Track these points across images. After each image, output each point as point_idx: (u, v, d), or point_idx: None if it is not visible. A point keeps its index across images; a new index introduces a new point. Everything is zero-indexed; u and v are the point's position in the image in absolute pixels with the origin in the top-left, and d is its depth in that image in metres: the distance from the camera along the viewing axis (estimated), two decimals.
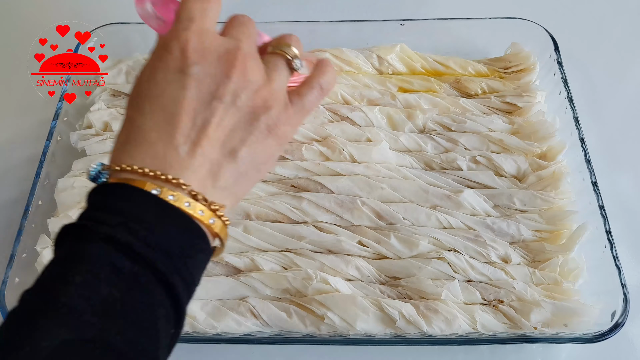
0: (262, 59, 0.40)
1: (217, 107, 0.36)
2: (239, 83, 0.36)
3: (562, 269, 0.56)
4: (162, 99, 0.35)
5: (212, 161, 0.35)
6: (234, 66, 0.36)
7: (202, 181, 0.35)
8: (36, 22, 0.84)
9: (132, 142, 0.35)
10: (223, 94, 0.36)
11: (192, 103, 0.35)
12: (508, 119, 0.68)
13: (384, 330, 0.53)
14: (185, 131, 0.35)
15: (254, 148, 0.37)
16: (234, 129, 0.36)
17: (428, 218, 0.59)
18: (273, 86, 0.38)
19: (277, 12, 0.85)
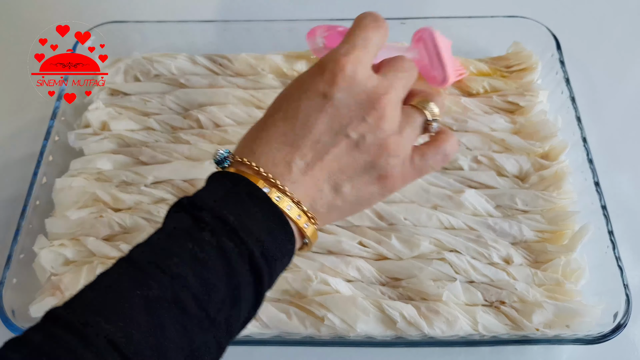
0: (403, 107, 0.40)
1: (341, 140, 0.37)
2: (371, 127, 0.37)
3: (564, 270, 0.56)
4: (296, 112, 0.37)
5: (318, 186, 0.38)
6: (374, 109, 0.37)
7: (303, 198, 0.37)
8: (36, 22, 0.84)
9: (258, 142, 0.38)
10: (351, 131, 0.37)
11: (320, 127, 0.37)
12: (510, 118, 0.68)
13: (384, 332, 0.53)
14: (305, 150, 0.37)
15: (358, 189, 0.39)
16: (348, 165, 0.38)
17: (429, 218, 0.59)
18: (402, 138, 0.39)
19: (277, 11, 0.85)
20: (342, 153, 0.37)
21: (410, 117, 0.40)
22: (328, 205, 0.38)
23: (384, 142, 0.38)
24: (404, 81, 0.40)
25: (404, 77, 0.40)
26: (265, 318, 0.53)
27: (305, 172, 0.37)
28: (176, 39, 0.76)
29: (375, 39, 0.40)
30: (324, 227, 0.58)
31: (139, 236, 0.57)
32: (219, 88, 0.70)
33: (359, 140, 0.37)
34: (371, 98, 0.37)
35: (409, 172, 0.40)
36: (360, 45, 0.38)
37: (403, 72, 0.40)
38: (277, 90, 0.69)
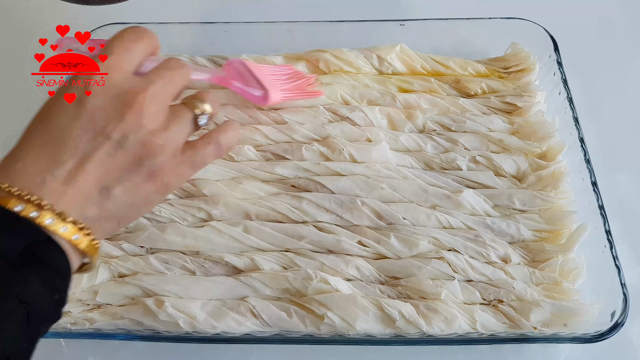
0: (172, 105, 0.40)
1: (101, 143, 0.36)
2: (130, 125, 0.36)
3: (561, 269, 0.57)
4: (52, 123, 0.36)
5: (84, 193, 0.36)
6: (131, 107, 0.36)
7: (69, 208, 0.35)
8: (36, 22, 0.84)
9: (11, 159, 0.36)
10: (111, 132, 0.36)
11: (77, 133, 0.35)
12: (508, 119, 0.68)
13: (383, 330, 0.53)
14: (65, 159, 0.35)
15: (130, 190, 0.37)
16: (114, 168, 0.36)
17: (428, 218, 0.59)
18: (168, 134, 0.38)
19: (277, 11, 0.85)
20: (105, 156, 0.36)
21: (177, 112, 0.40)
22: (101, 211, 0.37)
23: (147, 139, 0.37)
24: (168, 78, 0.39)
25: (168, 75, 0.39)
26: (266, 316, 0.53)
27: (68, 182, 0.35)
28: (177, 40, 0.77)
29: (136, 47, 0.39)
30: (323, 227, 0.58)
31: (140, 235, 0.58)
32: (220, 89, 0.70)
33: (120, 140, 0.36)
34: (127, 97, 0.37)
35: (182, 166, 0.39)
36: (115, 51, 0.38)
37: (167, 70, 0.40)
38: None
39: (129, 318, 0.54)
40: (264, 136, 0.65)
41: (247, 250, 0.58)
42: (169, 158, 0.38)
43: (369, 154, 0.64)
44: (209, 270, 0.57)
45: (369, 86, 0.71)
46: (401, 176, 0.62)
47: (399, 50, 0.73)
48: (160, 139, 0.38)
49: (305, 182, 0.62)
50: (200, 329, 0.53)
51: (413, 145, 0.66)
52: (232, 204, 0.60)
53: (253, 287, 0.55)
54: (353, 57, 0.73)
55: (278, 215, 0.60)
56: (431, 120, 0.68)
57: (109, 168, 0.36)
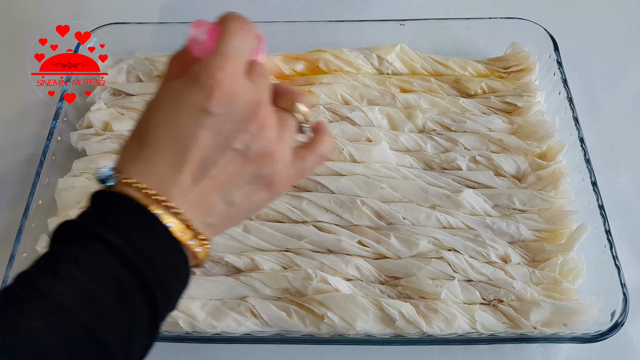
0: (276, 111, 0.41)
1: (227, 154, 0.37)
2: (254, 137, 0.37)
3: (561, 269, 0.57)
4: (180, 129, 0.36)
5: (209, 200, 0.37)
6: (255, 120, 0.37)
7: (194, 214, 0.37)
8: (36, 22, 0.84)
9: (143, 160, 0.37)
10: (237, 143, 0.37)
11: (206, 143, 0.36)
12: (508, 118, 0.68)
13: (383, 330, 0.53)
14: (193, 167, 0.36)
15: (248, 198, 0.39)
16: (237, 176, 0.38)
17: (428, 218, 0.59)
18: (283, 146, 0.39)
19: (277, 11, 0.85)
20: (229, 166, 0.37)
21: (285, 121, 0.41)
22: (221, 217, 0.39)
23: (267, 150, 0.38)
24: (267, 83, 0.41)
25: (267, 83, 0.40)
26: (266, 316, 0.53)
27: (195, 189, 0.37)
28: (177, 40, 0.76)
29: (246, 45, 0.40)
30: (323, 227, 0.59)
31: None
32: None
33: (245, 151, 0.37)
34: (251, 110, 0.37)
35: (292, 175, 0.41)
36: (232, 56, 0.38)
37: (265, 78, 0.40)
38: None
39: None
40: None
41: (247, 250, 0.58)
42: (284, 168, 0.40)
43: (369, 153, 0.64)
44: (209, 270, 0.57)
45: (368, 86, 0.71)
46: (401, 176, 0.63)
47: (399, 50, 0.73)
48: (277, 150, 0.39)
49: (305, 181, 0.62)
50: (200, 329, 0.53)
51: (413, 145, 0.66)
52: None
53: (253, 286, 0.55)
54: (353, 57, 0.73)
55: (278, 215, 0.60)
56: (431, 120, 0.68)
57: (232, 177, 0.38)
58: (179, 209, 0.36)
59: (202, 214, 0.37)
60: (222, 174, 0.37)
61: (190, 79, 0.37)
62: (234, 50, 0.38)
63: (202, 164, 0.36)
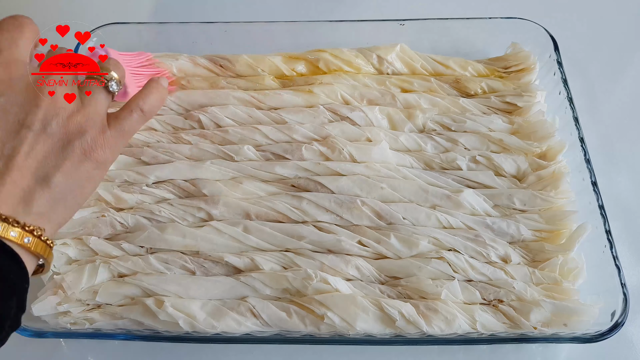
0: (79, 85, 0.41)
1: (25, 135, 0.36)
2: (49, 110, 0.37)
3: (561, 269, 0.56)
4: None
5: (24, 188, 0.36)
6: (42, 93, 0.37)
7: (14, 207, 0.35)
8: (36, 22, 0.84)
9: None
10: (32, 122, 0.36)
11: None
12: (508, 118, 0.68)
13: (383, 330, 0.53)
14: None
15: (69, 173, 0.37)
16: (46, 155, 0.36)
17: (428, 218, 0.59)
18: (87, 110, 0.39)
19: (277, 11, 0.85)
20: (33, 146, 0.36)
21: (86, 88, 0.41)
22: (47, 202, 0.37)
23: (70, 119, 0.38)
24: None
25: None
26: (266, 316, 0.53)
27: (4, 181, 0.35)
28: (177, 40, 0.77)
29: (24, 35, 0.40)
30: (323, 227, 0.58)
31: (140, 235, 0.58)
32: (220, 89, 0.70)
33: (43, 126, 0.36)
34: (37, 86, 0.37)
35: (111, 138, 0.40)
36: (6, 47, 0.38)
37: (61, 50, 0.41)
38: (277, 91, 0.70)
39: (128, 318, 0.54)
40: (263, 136, 0.66)
41: (247, 250, 0.58)
42: (97, 133, 0.39)
43: (369, 153, 0.64)
44: (208, 270, 0.57)
45: (368, 86, 0.71)
46: (401, 176, 0.62)
47: (399, 50, 0.73)
48: (82, 117, 0.38)
49: (305, 182, 0.62)
50: (200, 329, 0.53)
51: (413, 145, 0.66)
52: (232, 203, 0.60)
53: (253, 287, 0.55)
54: (353, 57, 0.73)
55: (278, 215, 0.60)
56: (431, 120, 0.68)
57: (40, 158, 0.36)
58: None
59: (22, 203, 0.35)
60: (29, 158, 0.36)
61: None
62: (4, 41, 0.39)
63: (2, 156, 0.35)
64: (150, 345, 0.56)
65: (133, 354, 0.57)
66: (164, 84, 0.45)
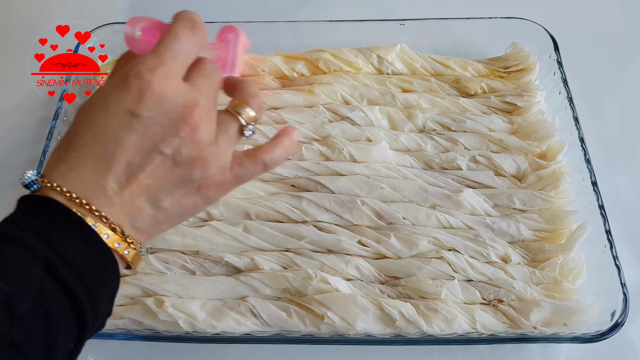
0: (219, 114, 0.39)
1: (155, 158, 0.36)
2: (184, 141, 0.36)
3: (561, 269, 0.57)
4: (105, 132, 0.35)
5: (136, 205, 0.36)
6: (186, 123, 0.36)
7: (121, 218, 0.36)
8: (36, 22, 0.84)
9: (67, 163, 0.36)
10: (165, 148, 0.36)
11: (132, 147, 0.35)
12: (508, 118, 0.68)
13: (383, 330, 0.53)
14: (119, 171, 0.35)
15: (179, 202, 0.38)
16: (165, 180, 0.37)
17: (428, 218, 0.59)
18: (217, 149, 0.38)
19: (277, 11, 0.85)
20: (157, 170, 0.36)
21: (224, 125, 0.39)
22: (150, 221, 0.37)
23: (200, 155, 0.37)
24: (213, 87, 0.39)
25: (211, 83, 0.38)
26: (266, 316, 0.53)
27: (121, 194, 0.35)
28: None
29: (188, 48, 0.38)
30: (323, 227, 0.58)
31: None
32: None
33: (174, 155, 0.36)
34: (183, 112, 0.36)
35: (228, 180, 0.39)
36: (168, 58, 0.36)
37: (210, 78, 0.39)
38: (277, 90, 0.70)
39: (129, 318, 0.54)
40: (263, 136, 0.65)
41: (247, 249, 0.58)
42: (218, 172, 0.38)
43: (369, 153, 0.64)
44: (208, 270, 0.57)
45: (369, 86, 0.71)
46: (401, 176, 0.62)
47: (399, 50, 0.73)
48: (211, 154, 0.37)
49: (305, 181, 0.62)
50: (200, 329, 0.53)
51: (413, 144, 0.66)
52: (232, 203, 0.60)
53: (253, 286, 0.55)
54: (353, 57, 0.73)
55: (278, 215, 0.60)
56: (431, 119, 0.68)
57: (161, 182, 0.37)
58: (102, 212, 0.35)
59: (129, 217, 0.36)
60: (149, 179, 0.36)
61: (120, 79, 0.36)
62: (171, 52, 0.37)
63: (127, 169, 0.35)
64: (150, 345, 0.56)
65: (133, 354, 0.57)
66: (296, 138, 0.43)
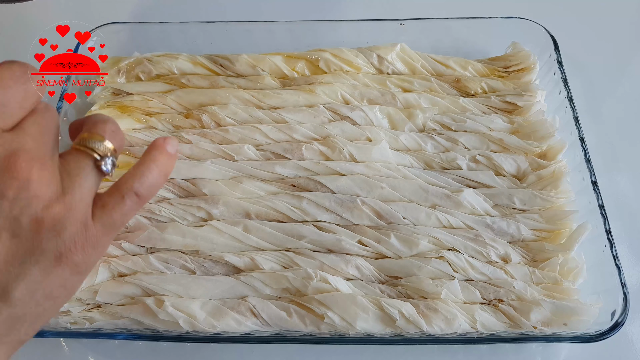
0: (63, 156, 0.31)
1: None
2: (18, 201, 0.28)
3: (562, 269, 0.56)
4: None
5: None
6: (12, 177, 0.27)
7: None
8: (36, 22, 0.84)
9: None
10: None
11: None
12: (508, 118, 0.68)
13: (383, 330, 0.53)
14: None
15: (37, 284, 0.29)
16: (7, 261, 0.28)
17: (428, 217, 0.59)
18: (70, 198, 0.29)
19: (276, 11, 0.85)
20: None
21: (72, 165, 0.31)
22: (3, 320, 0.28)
23: (45, 211, 0.28)
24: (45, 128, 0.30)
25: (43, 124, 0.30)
26: (266, 316, 0.53)
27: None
28: (177, 39, 0.77)
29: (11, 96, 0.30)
30: (323, 226, 0.58)
31: (140, 235, 0.58)
32: (220, 88, 0.70)
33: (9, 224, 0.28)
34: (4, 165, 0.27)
35: (97, 234, 0.31)
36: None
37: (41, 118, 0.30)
38: (277, 90, 0.70)
39: (128, 317, 0.54)
40: (264, 135, 0.66)
41: (247, 249, 0.58)
42: (79, 229, 0.30)
43: (369, 153, 0.64)
44: (208, 269, 0.57)
45: (369, 85, 0.71)
46: (401, 175, 0.62)
47: (399, 50, 0.73)
48: (61, 208, 0.29)
49: (305, 181, 0.62)
50: (200, 329, 0.53)
51: (413, 144, 0.66)
52: (232, 203, 0.60)
53: (253, 286, 0.55)
54: (353, 57, 0.73)
55: (278, 215, 0.60)
56: (431, 119, 0.68)
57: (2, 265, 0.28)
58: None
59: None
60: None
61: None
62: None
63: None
64: (150, 345, 0.57)
65: (133, 353, 0.57)
66: (171, 149, 0.35)
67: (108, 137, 0.32)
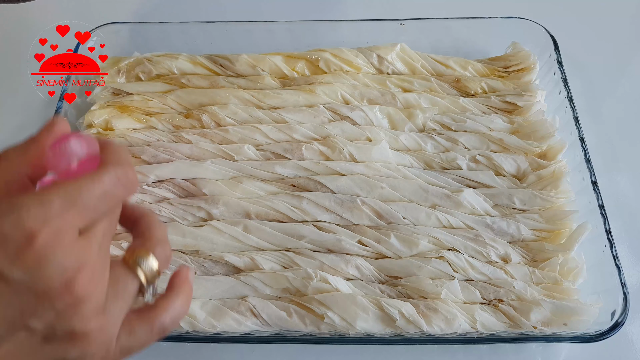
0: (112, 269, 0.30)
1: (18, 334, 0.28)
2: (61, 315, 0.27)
3: (561, 269, 0.56)
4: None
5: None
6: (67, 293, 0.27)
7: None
8: (36, 22, 0.84)
9: None
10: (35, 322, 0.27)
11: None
12: (508, 118, 0.68)
13: (383, 330, 0.53)
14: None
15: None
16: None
17: (428, 217, 0.59)
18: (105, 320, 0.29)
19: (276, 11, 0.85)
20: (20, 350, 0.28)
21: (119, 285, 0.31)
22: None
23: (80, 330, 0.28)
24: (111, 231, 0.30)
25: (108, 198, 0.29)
26: (266, 316, 0.53)
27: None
28: (177, 39, 0.77)
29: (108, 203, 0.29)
30: (323, 226, 0.58)
31: None
32: (220, 88, 0.70)
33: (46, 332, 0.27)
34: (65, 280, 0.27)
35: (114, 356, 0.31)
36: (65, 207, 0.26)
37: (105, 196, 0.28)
38: (277, 90, 0.70)
39: None
40: (264, 135, 0.66)
41: (247, 249, 0.58)
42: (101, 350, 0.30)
43: (369, 153, 0.64)
44: (209, 269, 0.57)
45: (369, 85, 0.71)
46: (401, 175, 0.62)
47: (399, 50, 0.73)
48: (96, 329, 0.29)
49: (305, 181, 0.62)
50: (200, 329, 0.53)
51: (413, 144, 0.66)
52: (232, 203, 0.60)
53: (253, 286, 0.55)
54: (353, 57, 0.73)
55: (278, 215, 0.60)
56: (431, 119, 0.68)
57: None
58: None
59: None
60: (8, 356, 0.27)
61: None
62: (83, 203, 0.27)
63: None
64: None
65: None
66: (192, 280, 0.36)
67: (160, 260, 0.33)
